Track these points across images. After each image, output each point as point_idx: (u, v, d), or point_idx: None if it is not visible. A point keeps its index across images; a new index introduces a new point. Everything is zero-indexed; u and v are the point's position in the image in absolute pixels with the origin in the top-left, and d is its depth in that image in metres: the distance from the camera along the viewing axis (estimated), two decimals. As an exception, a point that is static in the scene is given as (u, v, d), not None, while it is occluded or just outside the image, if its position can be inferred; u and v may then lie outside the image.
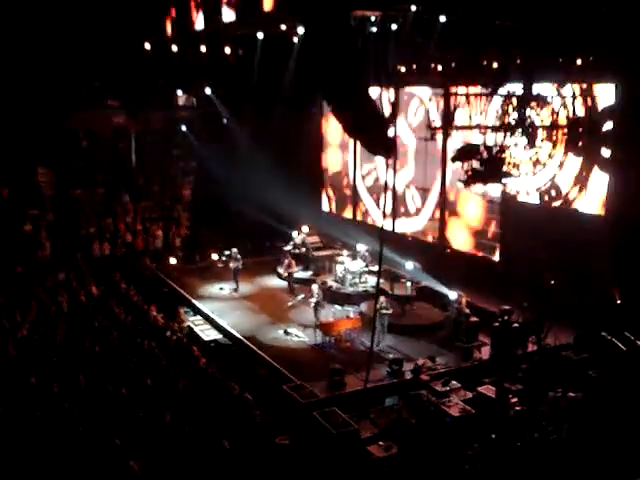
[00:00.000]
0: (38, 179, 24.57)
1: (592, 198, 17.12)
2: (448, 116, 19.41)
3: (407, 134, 22.82)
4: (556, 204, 18.01)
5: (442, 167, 21.36)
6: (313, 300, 17.49)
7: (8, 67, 22.30)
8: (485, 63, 17.48)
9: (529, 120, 15.69)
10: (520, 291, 16.79)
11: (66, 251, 22.49)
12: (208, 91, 25.91)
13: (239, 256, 20.97)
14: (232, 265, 20.86)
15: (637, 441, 10.95)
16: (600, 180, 16.81)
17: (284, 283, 21.43)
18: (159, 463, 10.53)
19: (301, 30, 20.11)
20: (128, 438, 11.03)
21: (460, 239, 21.48)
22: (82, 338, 15.37)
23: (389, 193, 16.30)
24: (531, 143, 15.83)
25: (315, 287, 17.99)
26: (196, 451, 10.93)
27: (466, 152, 15.59)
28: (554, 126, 16.10)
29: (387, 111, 16.60)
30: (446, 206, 21.72)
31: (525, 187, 18.48)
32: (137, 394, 12.81)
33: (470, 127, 16.85)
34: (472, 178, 15.54)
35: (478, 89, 16.87)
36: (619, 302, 15.97)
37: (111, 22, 22.59)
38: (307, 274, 21.74)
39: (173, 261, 23.00)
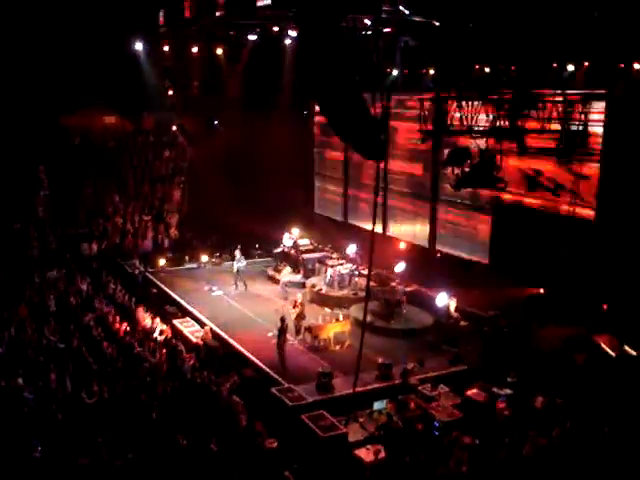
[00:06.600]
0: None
1: (583, 204, 17.15)
2: (440, 120, 19.39)
3: (399, 138, 22.81)
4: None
5: (433, 171, 21.37)
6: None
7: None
8: (477, 68, 17.55)
9: (520, 126, 15.72)
10: (510, 296, 16.83)
11: (55, 250, 22.34)
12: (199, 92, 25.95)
13: (242, 257, 21.22)
14: (236, 266, 20.96)
15: (626, 445, 11.00)
16: (591, 187, 16.85)
17: (274, 286, 21.36)
18: (147, 463, 10.46)
19: (293, 33, 20.14)
20: (115, 439, 10.96)
21: (450, 243, 21.48)
22: (70, 337, 15.26)
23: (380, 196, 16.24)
24: (521, 149, 15.84)
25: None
26: (183, 453, 10.86)
27: (457, 156, 15.58)
28: (544, 131, 16.13)
29: (379, 115, 16.53)
30: (437, 210, 21.73)
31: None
32: (125, 396, 12.74)
33: (462, 132, 16.84)
34: (463, 182, 15.54)
35: (470, 94, 16.88)
36: (605, 308, 16.02)
37: (102, 20, 22.48)
38: (297, 277, 21.65)
39: (162, 262, 22.85)
